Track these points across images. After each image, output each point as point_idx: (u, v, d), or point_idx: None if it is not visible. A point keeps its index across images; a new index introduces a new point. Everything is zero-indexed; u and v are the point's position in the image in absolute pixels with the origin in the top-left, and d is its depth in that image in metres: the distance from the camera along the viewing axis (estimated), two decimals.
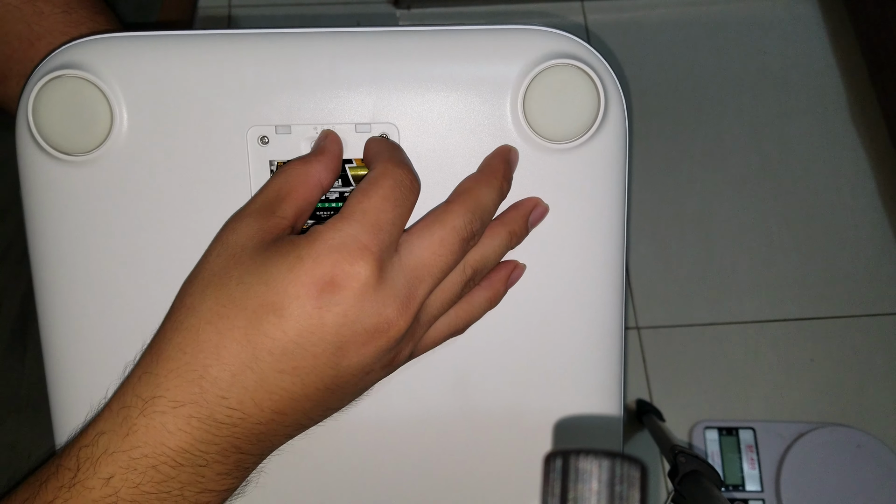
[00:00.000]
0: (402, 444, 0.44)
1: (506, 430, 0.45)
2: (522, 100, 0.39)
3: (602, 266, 0.43)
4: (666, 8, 1.12)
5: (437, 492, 0.46)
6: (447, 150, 0.40)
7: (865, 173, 1.03)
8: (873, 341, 0.94)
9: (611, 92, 0.40)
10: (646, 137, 1.04)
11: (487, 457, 0.46)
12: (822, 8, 1.14)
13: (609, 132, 0.41)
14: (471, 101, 0.39)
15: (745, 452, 0.86)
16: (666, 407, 0.87)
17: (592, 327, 0.43)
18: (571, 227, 0.42)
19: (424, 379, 0.43)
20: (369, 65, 0.39)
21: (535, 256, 0.42)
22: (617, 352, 0.44)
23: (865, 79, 1.07)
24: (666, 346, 0.92)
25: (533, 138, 0.40)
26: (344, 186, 0.39)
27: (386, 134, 0.39)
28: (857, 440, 0.86)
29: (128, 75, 0.38)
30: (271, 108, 0.39)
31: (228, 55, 0.39)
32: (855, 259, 0.98)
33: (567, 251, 0.42)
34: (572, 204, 0.42)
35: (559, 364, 0.44)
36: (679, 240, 0.98)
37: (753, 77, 1.08)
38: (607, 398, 0.46)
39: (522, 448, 0.45)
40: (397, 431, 0.44)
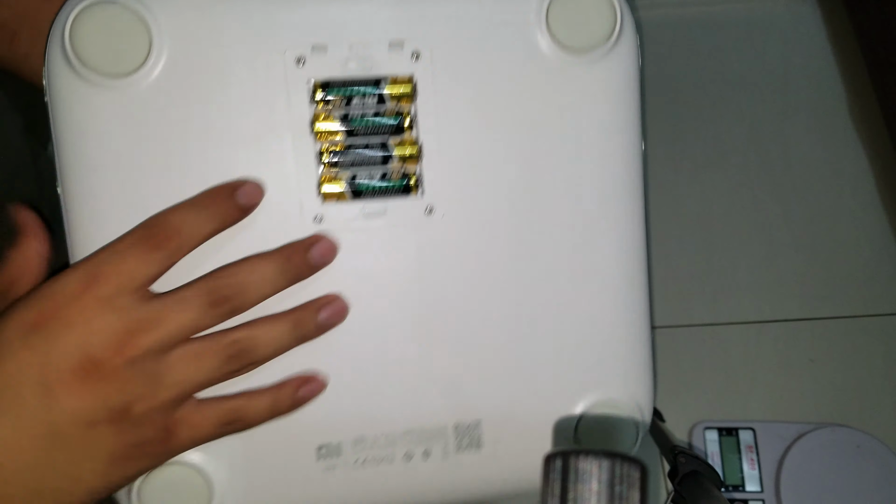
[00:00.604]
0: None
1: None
2: (546, 11, 0.42)
3: (622, 192, 0.52)
4: (665, 8, 1.12)
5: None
6: (476, 68, 0.41)
7: (865, 174, 1.03)
8: (874, 342, 0.94)
9: (625, 7, 0.44)
10: (645, 137, 1.04)
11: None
12: (823, 8, 1.14)
13: (625, 47, 0.46)
14: (497, 17, 0.41)
15: (744, 453, 0.86)
16: (666, 407, 0.87)
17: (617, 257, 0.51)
18: (591, 143, 0.48)
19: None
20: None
21: (552, 177, 0.45)
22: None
23: (866, 79, 1.07)
24: (666, 346, 0.92)
25: (555, 50, 0.42)
26: (379, 104, 0.40)
27: (418, 52, 0.40)
28: (858, 441, 0.86)
29: (165, 1, 0.39)
30: (305, 28, 0.39)
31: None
32: (855, 259, 0.98)
33: (586, 171, 0.48)
34: (591, 122, 0.47)
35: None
36: (678, 240, 0.98)
37: (753, 77, 1.08)
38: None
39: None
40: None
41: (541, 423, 0.45)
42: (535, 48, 0.42)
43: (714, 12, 1.13)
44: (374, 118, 0.39)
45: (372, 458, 0.41)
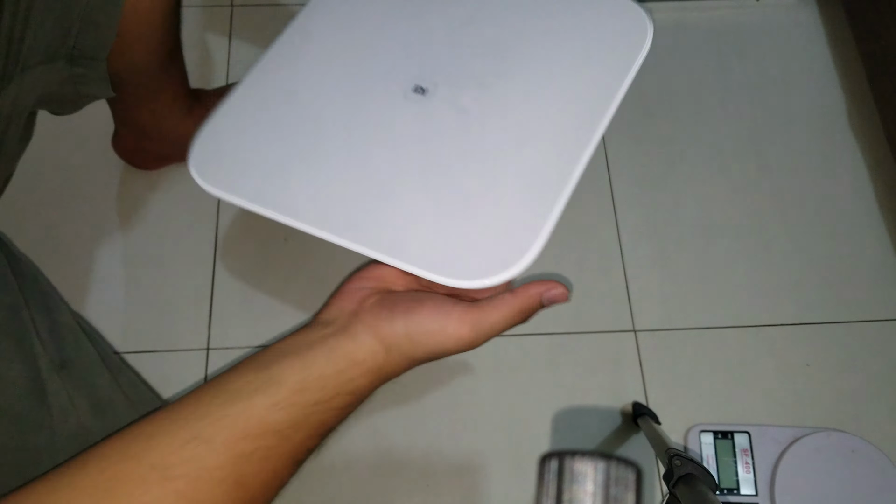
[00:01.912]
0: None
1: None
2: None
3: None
4: (666, 13, 1.12)
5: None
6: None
7: (863, 179, 1.03)
8: (870, 347, 0.94)
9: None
10: (644, 141, 1.04)
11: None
12: (822, 14, 1.14)
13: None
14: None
15: (740, 456, 0.86)
16: (662, 410, 0.87)
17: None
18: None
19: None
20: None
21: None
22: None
23: (865, 86, 1.07)
24: (663, 349, 0.92)
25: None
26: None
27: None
28: (853, 445, 0.86)
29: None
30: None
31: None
32: (852, 264, 0.98)
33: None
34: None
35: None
36: (677, 244, 0.98)
37: (753, 82, 1.09)
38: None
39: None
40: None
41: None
42: None
43: (714, 17, 1.13)
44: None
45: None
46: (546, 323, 0.92)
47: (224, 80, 1.03)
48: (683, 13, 1.13)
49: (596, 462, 0.28)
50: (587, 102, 0.62)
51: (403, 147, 0.59)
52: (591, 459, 0.29)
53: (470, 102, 0.61)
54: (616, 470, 0.28)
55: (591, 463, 0.29)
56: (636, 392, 0.90)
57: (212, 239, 0.95)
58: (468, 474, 0.86)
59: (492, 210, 0.56)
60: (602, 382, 0.90)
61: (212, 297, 0.92)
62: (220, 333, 0.90)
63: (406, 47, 0.64)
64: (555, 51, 0.63)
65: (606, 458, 0.28)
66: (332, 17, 0.66)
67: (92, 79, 0.68)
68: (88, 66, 0.67)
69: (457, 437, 0.87)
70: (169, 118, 0.87)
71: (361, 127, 0.60)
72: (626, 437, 0.88)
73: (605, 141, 1.03)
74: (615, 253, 0.97)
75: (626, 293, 0.95)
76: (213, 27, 1.07)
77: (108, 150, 0.95)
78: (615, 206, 1.00)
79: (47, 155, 0.71)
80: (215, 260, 0.94)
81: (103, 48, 0.67)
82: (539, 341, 0.90)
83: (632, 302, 0.95)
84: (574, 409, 0.89)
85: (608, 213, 0.99)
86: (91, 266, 0.93)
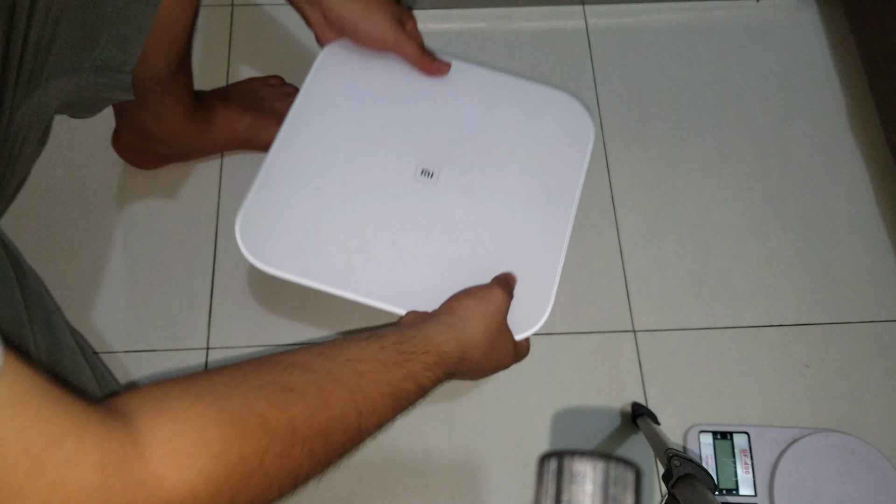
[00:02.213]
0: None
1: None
2: None
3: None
4: (666, 13, 1.13)
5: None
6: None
7: (863, 180, 1.04)
8: (869, 348, 0.94)
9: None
10: (644, 142, 1.04)
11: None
12: (822, 15, 1.14)
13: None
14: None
15: (739, 457, 0.86)
16: (661, 410, 0.87)
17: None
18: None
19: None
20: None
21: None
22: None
23: (864, 87, 1.07)
24: (662, 349, 0.92)
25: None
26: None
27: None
28: (851, 446, 0.86)
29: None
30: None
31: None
32: (851, 266, 0.98)
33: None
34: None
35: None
36: (676, 244, 0.98)
37: (753, 83, 1.09)
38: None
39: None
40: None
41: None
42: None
43: (714, 18, 1.13)
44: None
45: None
46: (545, 323, 0.92)
47: (224, 80, 1.03)
48: (683, 14, 1.13)
49: (595, 462, 0.28)
50: (560, 176, 0.77)
51: (424, 224, 0.72)
52: (591, 459, 0.29)
53: (471, 184, 0.74)
54: (615, 470, 0.28)
55: (590, 463, 0.29)
56: (635, 392, 0.90)
57: (212, 238, 0.95)
58: (467, 474, 0.86)
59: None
60: (601, 383, 0.91)
61: (211, 296, 0.92)
62: (219, 333, 0.90)
63: (408, 134, 0.76)
64: (529, 139, 0.78)
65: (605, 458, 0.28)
66: (333, 97, 0.78)
67: (115, 87, 0.68)
68: (113, 77, 0.67)
69: (456, 436, 0.87)
70: (172, 121, 0.87)
71: (384, 207, 0.72)
72: (625, 438, 0.88)
73: (604, 142, 1.03)
74: (615, 253, 0.97)
75: (626, 293, 0.95)
76: (213, 27, 1.07)
77: (108, 149, 0.95)
78: (615, 206, 1.00)
79: (47, 154, 0.71)
80: (215, 259, 0.94)
81: (130, 61, 0.67)
82: (538, 341, 0.90)
83: (631, 302, 0.95)
84: (573, 409, 0.89)
85: (608, 214, 0.99)
86: (91, 265, 0.93)
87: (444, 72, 0.80)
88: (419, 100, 0.78)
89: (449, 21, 1.10)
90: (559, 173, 0.76)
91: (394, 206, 0.72)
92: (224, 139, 0.94)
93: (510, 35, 1.10)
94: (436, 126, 0.76)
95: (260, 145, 0.96)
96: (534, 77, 0.84)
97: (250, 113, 0.94)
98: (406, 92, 0.78)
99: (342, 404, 0.47)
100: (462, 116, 0.78)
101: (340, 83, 0.78)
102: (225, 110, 0.93)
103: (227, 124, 0.93)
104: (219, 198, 0.97)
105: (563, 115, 0.80)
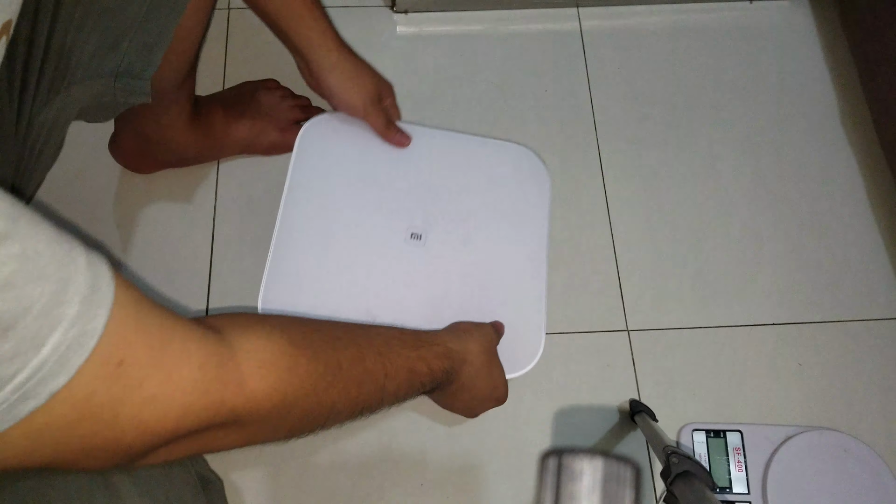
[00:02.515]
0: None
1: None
2: None
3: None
4: (661, 15, 1.13)
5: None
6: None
7: (856, 180, 1.04)
8: (862, 346, 0.95)
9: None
10: (638, 143, 1.05)
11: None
12: (816, 16, 1.15)
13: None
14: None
15: (732, 455, 0.87)
16: (655, 408, 0.88)
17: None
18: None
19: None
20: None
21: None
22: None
23: (858, 88, 1.08)
24: (655, 348, 0.93)
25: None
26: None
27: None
28: (845, 444, 0.87)
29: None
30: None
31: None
32: (845, 265, 0.99)
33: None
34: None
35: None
36: (670, 244, 0.99)
37: (747, 84, 1.09)
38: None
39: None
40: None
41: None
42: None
43: (709, 20, 1.14)
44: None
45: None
46: None
47: (221, 83, 1.03)
48: (677, 15, 1.13)
49: (594, 460, 0.29)
50: (528, 222, 0.86)
51: (421, 282, 0.82)
52: (590, 457, 0.29)
53: (455, 241, 0.84)
54: (614, 467, 0.29)
55: (589, 460, 0.29)
56: (629, 391, 0.91)
57: (208, 241, 0.95)
58: (466, 474, 0.86)
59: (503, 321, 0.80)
60: (595, 382, 0.91)
61: (208, 299, 0.92)
62: None
63: (395, 203, 0.84)
64: (496, 193, 0.87)
65: (604, 455, 0.29)
66: (319, 174, 0.85)
67: (135, 93, 0.68)
68: (134, 83, 0.68)
69: (454, 436, 0.88)
70: (173, 127, 0.87)
71: (383, 272, 0.82)
72: (623, 435, 0.89)
73: (598, 142, 1.04)
74: (608, 253, 0.98)
75: (620, 293, 0.96)
76: (210, 30, 1.07)
77: (105, 154, 0.95)
78: (609, 206, 1.00)
79: None
80: (212, 262, 0.94)
81: (151, 68, 0.68)
82: None
83: (625, 302, 0.95)
84: (571, 407, 0.90)
85: (602, 214, 1.00)
86: None
87: (405, 143, 0.87)
88: (399, 170, 0.87)
89: (445, 24, 1.10)
90: (527, 220, 0.86)
91: (392, 270, 0.82)
92: (223, 144, 0.95)
93: (505, 38, 1.10)
94: (417, 192, 0.86)
95: (259, 149, 0.96)
96: (492, 130, 1.01)
97: (249, 118, 0.95)
98: (386, 163, 0.87)
99: (373, 362, 0.55)
100: (437, 180, 0.87)
101: (324, 159, 0.86)
102: (224, 116, 0.93)
103: (227, 130, 0.94)
104: (215, 202, 0.97)
105: (522, 166, 0.90)
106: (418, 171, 0.87)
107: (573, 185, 1.01)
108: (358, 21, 1.09)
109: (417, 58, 1.08)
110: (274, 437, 0.49)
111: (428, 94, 1.05)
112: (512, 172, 0.89)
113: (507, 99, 1.06)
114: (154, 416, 0.38)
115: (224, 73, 1.04)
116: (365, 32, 1.08)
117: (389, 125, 0.87)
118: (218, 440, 0.44)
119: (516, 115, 1.05)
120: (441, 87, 1.06)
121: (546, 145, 1.02)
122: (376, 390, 0.56)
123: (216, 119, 0.92)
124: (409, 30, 1.10)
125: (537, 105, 1.06)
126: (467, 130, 0.90)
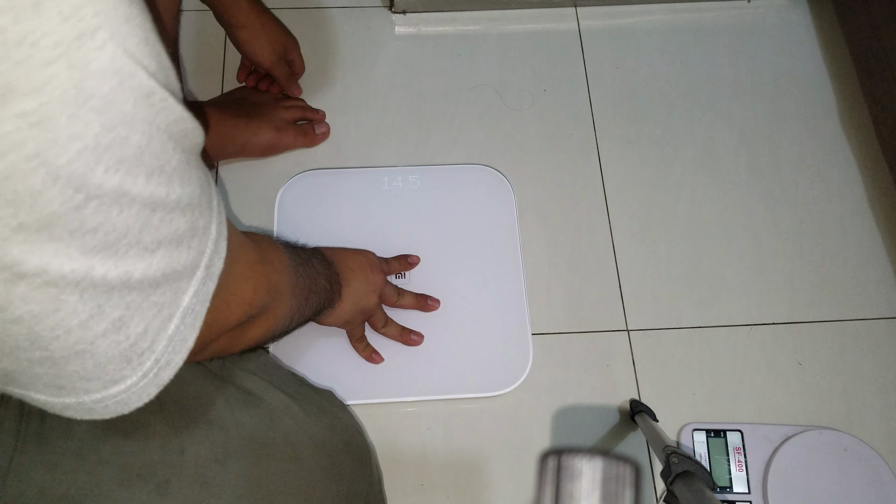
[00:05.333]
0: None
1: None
2: None
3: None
4: (658, 14, 1.13)
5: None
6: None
7: (854, 179, 1.04)
8: (861, 345, 0.95)
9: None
10: (636, 142, 1.05)
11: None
12: (813, 15, 1.15)
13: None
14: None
15: (732, 454, 0.87)
16: (655, 408, 0.88)
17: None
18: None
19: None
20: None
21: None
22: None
23: (856, 86, 1.08)
24: (655, 348, 0.93)
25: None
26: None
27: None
28: (845, 443, 0.87)
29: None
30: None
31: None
32: (843, 264, 0.99)
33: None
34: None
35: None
36: (669, 244, 0.99)
37: (744, 83, 1.10)
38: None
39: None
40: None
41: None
42: None
43: (706, 19, 1.14)
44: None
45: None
46: (539, 323, 0.93)
47: (220, 88, 1.03)
48: (675, 15, 1.13)
49: (594, 460, 0.29)
50: (500, 239, 0.94)
51: (413, 321, 0.89)
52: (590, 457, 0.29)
53: (438, 275, 0.91)
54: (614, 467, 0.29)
55: (589, 461, 0.29)
56: (629, 391, 0.91)
57: None
58: (466, 474, 0.86)
59: (492, 342, 0.89)
60: (595, 382, 0.91)
61: None
62: None
63: (376, 248, 0.88)
64: (467, 217, 0.95)
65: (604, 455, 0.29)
66: (302, 232, 0.92)
67: None
68: None
69: (454, 436, 0.88)
70: None
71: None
72: (623, 435, 0.89)
73: (597, 142, 1.04)
74: (608, 253, 0.98)
75: (619, 293, 0.96)
76: (208, 32, 1.07)
77: None
78: (608, 206, 1.00)
79: None
80: None
81: None
82: (534, 341, 0.90)
83: (625, 301, 0.95)
84: (571, 407, 0.90)
85: (601, 214, 1.00)
86: None
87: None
88: (374, 220, 0.94)
89: (442, 24, 1.10)
90: (499, 236, 0.94)
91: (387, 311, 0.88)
92: (221, 144, 0.95)
93: (503, 37, 1.10)
94: (393, 235, 0.93)
95: (256, 150, 0.96)
96: (458, 153, 1.01)
97: (244, 117, 0.95)
98: (361, 215, 0.94)
99: (314, 280, 0.70)
100: (409, 219, 0.94)
101: (305, 215, 0.94)
102: (219, 115, 0.93)
103: (223, 129, 0.94)
104: None
105: (486, 185, 0.97)
106: (395, 216, 0.94)
107: (573, 185, 1.01)
108: (356, 21, 1.09)
109: (416, 58, 1.08)
110: (279, 327, 0.61)
111: (426, 93, 1.05)
112: (477, 194, 0.97)
113: (506, 99, 1.06)
114: (243, 291, 0.50)
115: (223, 76, 1.04)
116: (363, 33, 1.08)
117: (292, 78, 1.00)
118: (251, 330, 0.55)
119: (515, 115, 1.05)
120: (439, 87, 1.06)
121: (545, 145, 1.02)
122: (320, 300, 0.72)
123: (212, 118, 0.93)
124: (407, 30, 1.10)
125: (536, 105, 1.06)
126: (467, 130, 0.90)
